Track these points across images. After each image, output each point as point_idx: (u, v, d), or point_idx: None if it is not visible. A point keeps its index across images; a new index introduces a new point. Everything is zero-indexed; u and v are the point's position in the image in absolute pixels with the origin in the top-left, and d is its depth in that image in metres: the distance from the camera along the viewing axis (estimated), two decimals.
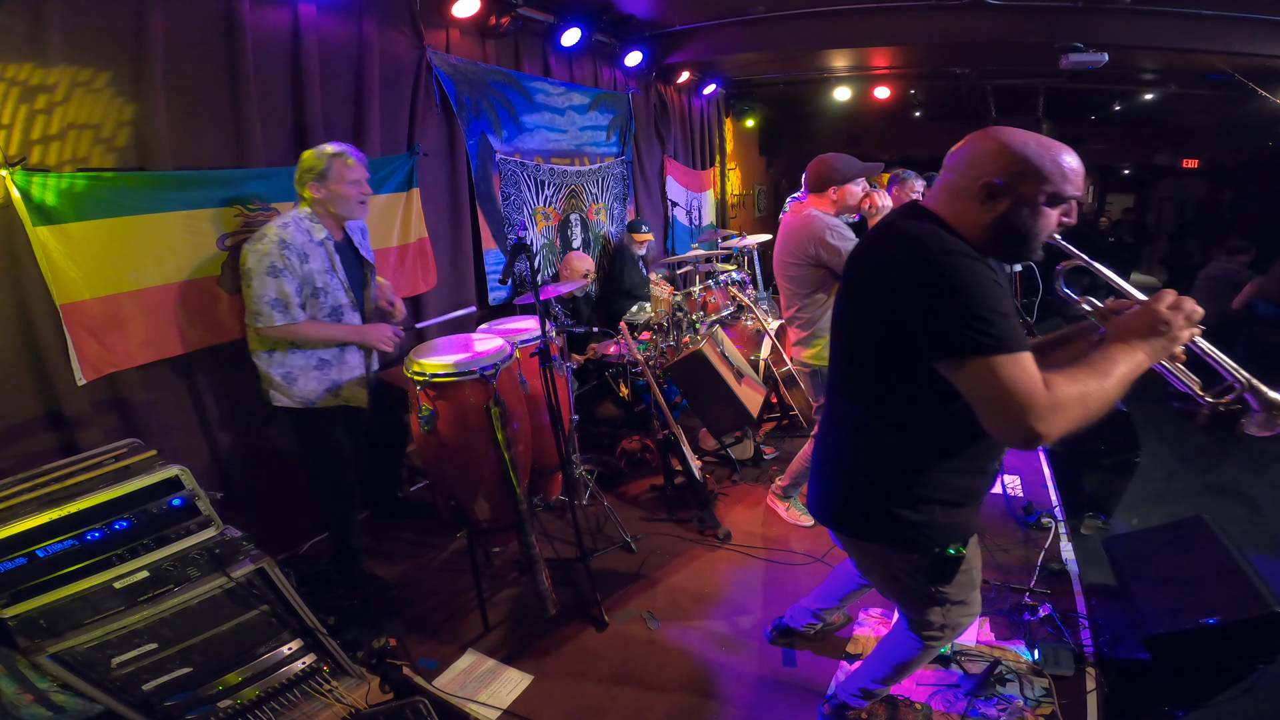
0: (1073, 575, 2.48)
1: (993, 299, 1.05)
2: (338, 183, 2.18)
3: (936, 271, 1.08)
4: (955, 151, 1.22)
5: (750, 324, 4.13)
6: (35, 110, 1.96)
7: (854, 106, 7.16)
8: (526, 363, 2.62)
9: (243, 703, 1.85)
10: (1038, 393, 1.01)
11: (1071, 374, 1.06)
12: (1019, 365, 1.03)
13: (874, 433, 1.30)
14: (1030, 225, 1.14)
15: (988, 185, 1.13)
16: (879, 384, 1.25)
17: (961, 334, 1.04)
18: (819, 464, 1.49)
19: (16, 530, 1.45)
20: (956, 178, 1.19)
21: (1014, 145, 1.12)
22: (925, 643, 1.56)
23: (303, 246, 2.16)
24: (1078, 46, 4.06)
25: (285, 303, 2.14)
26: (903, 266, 1.12)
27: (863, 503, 1.36)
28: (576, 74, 4.54)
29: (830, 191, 2.48)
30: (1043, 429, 1.01)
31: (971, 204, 1.16)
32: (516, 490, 2.28)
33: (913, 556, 1.36)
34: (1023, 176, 1.11)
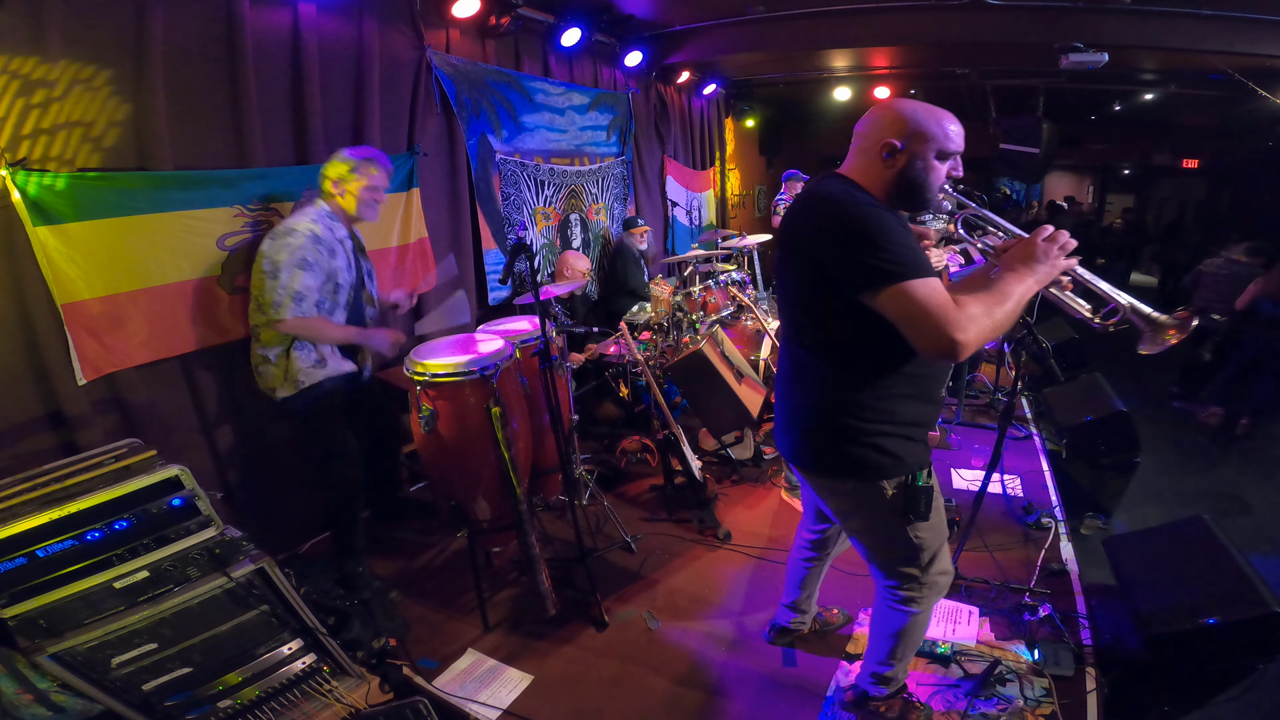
0: (1073, 575, 2.48)
1: (896, 235, 1.24)
2: (358, 185, 2.28)
3: (848, 218, 1.27)
4: (864, 120, 1.42)
5: (750, 324, 4.13)
6: (34, 110, 1.95)
7: (854, 106, 7.14)
8: (526, 363, 2.62)
9: (243, 703, 1.85)
10: (949, 307, 1.19)
11: (976, 296, 1.24)
12: (928, 287, 1.21)
13: (827, 372, 1.45)
14: (924, 177, 1.35)
15: (887, 145, 1.34)
16: (822, 327, 1.42)
17: (874, 266, 1.22)
18: (784, 413, 1.61)
19: (16, 530, 1.45)
20: (862, 142, 1.40)
21: (905, 111, 1.34)
22: (909, 605, 1.62)
23: (331, 244, 2.26)
24: (1078, 46, 4.06)
25: (306, 296, 2.19)
26: (823, 219, 1.32)
27: (828, 438, 1.48)
28: (576, 74, 4.54)
29: None
30: (961, 337, 1.17)
31: (875, 163, 1.37)
32: (516, 490, 2.28)
33: (883, 487, 1.47)
34: (915, 137, 1.33)
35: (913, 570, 1.57)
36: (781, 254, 1.49)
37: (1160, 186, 10.82)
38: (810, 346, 1.47)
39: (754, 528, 2.97)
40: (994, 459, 2.37)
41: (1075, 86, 5.86)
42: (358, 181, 2.29)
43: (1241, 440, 4.28)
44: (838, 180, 1.41)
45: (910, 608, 1.62)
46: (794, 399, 1.56)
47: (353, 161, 2.28)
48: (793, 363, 1.55)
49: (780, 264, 1.50)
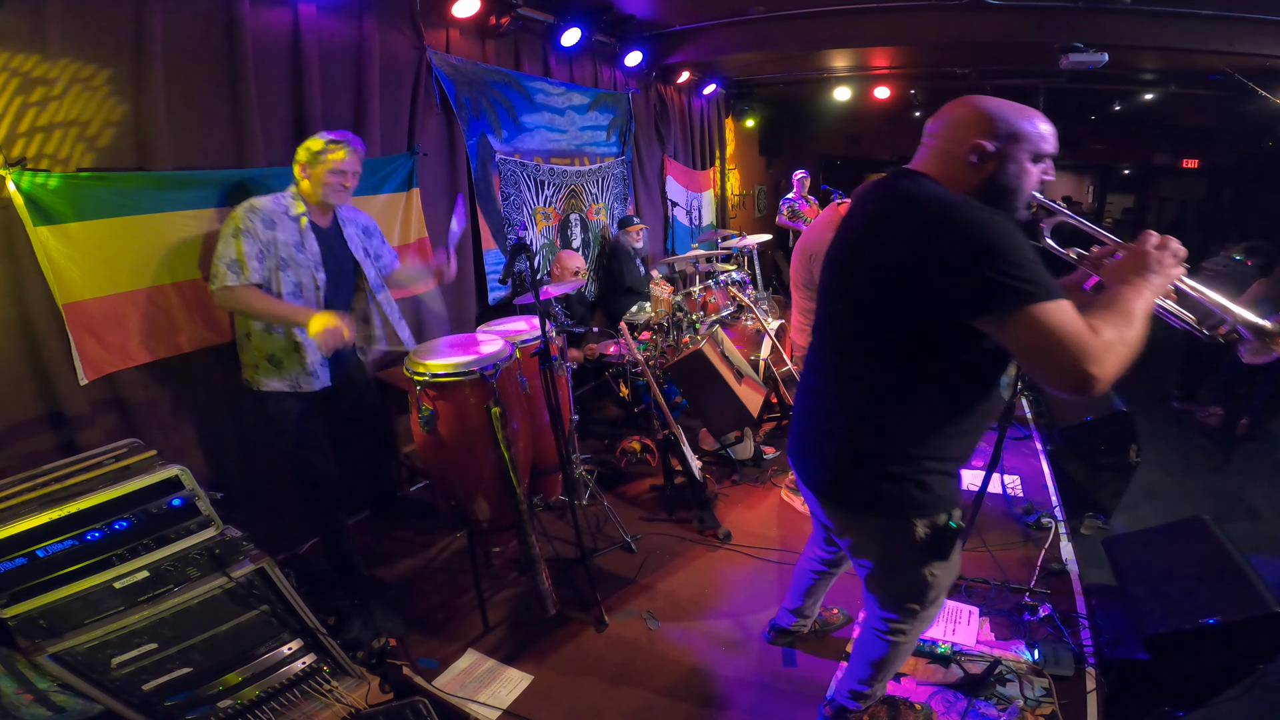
0: (1073, 575, 2.48)
1: (1025, 248, 1.06)
2: (322, 167, 2.22)
3: (965, 226, 1.08)
4: (936, 120, 1.28)
5: (750, 324, 4.13)
6: (35, 109, 1.95)
7: (854, 106, 7.16)
8: (526, 363, 2.62)
9: (243, 703, 1.85)
10: (1086, 334, 1.02)
11: (1102, 317, 1.06)
12: (1063, 311, 1.03)
13: (880, 395, 1.29)
14: (1017, 182, 1.22)
15: (976, 147, 1.19)
16: (891, 347, 1.24)
17: (1001, 285, 1.03)
18: (809, 434, 1.47)
19: (16, 530, 1.45)
20: (942, 143, 1.25)
21: (994, 110, 1.21)
22: (897, 637, 1.57)
23: (271, 215, 2.18)
24: (1078, 46, 4.06)
25: (241, 264, 2.11)
26: (924, 225, 1.12)
27: (865, 470, 1.34)
28: (576, 74, 4.54)
29: None
30: (1098, 371, 1.00)
31: (960, 166, 1.22)
32: (516, 490, 2.28)
33: (914, 525, 1.34)
34: (1009, 138, 1.19)
35: (914, 605, 1.50)
36: (839, 258, 1.34)
37: (1160, 186, 10.82)
38: (865, 365, 1.30)
39: (754, 528, 2.97)
40: (994, 459, 2.38)
41: (1075, 86, 5.86)
42: (324, 164, 2.22)
43: (1242, 440, 4.28)
44: (925, 181, 1.22)
45: (898, 639, 1.58)
46: (827, 420, 1.41)
47: (321, 142, 2.23)
48: (830, 379, 1.39)
49: (836, 270, 1.34)
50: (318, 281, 2.29)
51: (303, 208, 2.26)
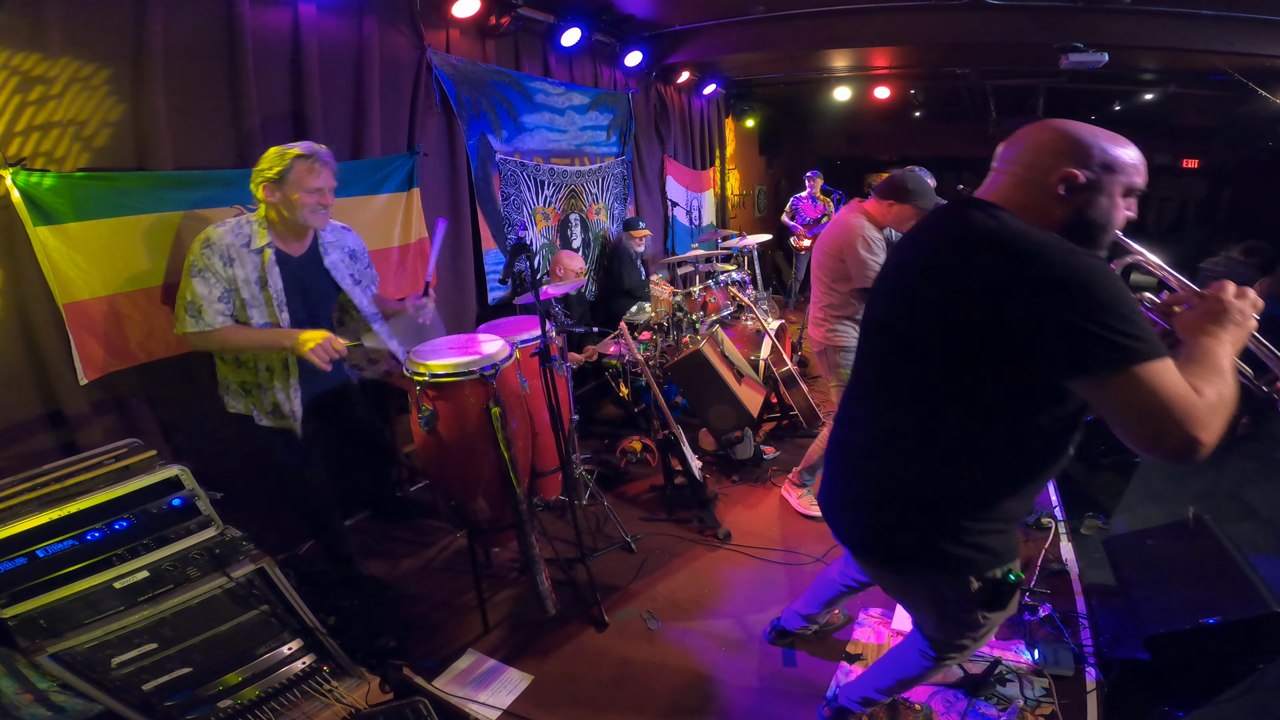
0: (1073, 575, 2.48)
1: (1130, 297, 0.96)
2: (295, 188, 1.97)
3: (1065, 274, 0.95)
4: (1014, 144, 1.15)
5: (750, 324, 4.13)
6: (34, 108, 1.95)
7: (854, 106, 7.16)
8: (526, 363, 2.62)
9: (243, 703, 1.85)
10: (1193, 397, 0.93)
11: (1196, 374, 0.97)
12: (1171, 371, 0.93)
13: (941, 460, 1.17)
14: (1108, 218, 1.09)
15: (1069, 177, 1.06)
16: (957, 405, 1.12)
17: (1111, 343, 0.92)
18: (849, 488, 1.35)
19: (16, 530, 1.45)
20: (1023, 170, 1.11)
21: (1085, 136, 1.07)
22: (940, 661, 1.51)
23: (228, 250, 1.97)
24: (1078, 46, 4.06)
25: (198, 307, 1.96)
26: (1015, 271, 0.99)
27: (919, 532, 1.23)
28: (576, 74, 4.54)
29: (889, 202, 2.57)
30: (1205, 436, 0.92)
31: (1043, 198, 1.08)
32: (516, 490, 2.28)
33: (968, 582, 1.24)
34: (1104, 167, 1.06)
35: (964, 642, 1.43)
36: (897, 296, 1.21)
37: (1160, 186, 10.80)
38: (925, 423, 1.17)
39: (754, 528, 2.97)
40: None
41: (1075, 86, 5.86)
42: (292, 185, 1.97)
43: (1242, 440, 4.28)
44: (1003, 214, 1.08)
45: (939, 665, 1.52)
46: (872, 476, 1.29)
47: (283, 159, 1.96)
48: (880, 431, 1.27)
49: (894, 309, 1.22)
50: (281, 322, 2.07)
51: (266, 238, 2.02)
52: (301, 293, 2.15)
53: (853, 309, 2.70)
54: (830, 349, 2.79)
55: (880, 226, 2.61)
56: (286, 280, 2.09)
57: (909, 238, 1.30)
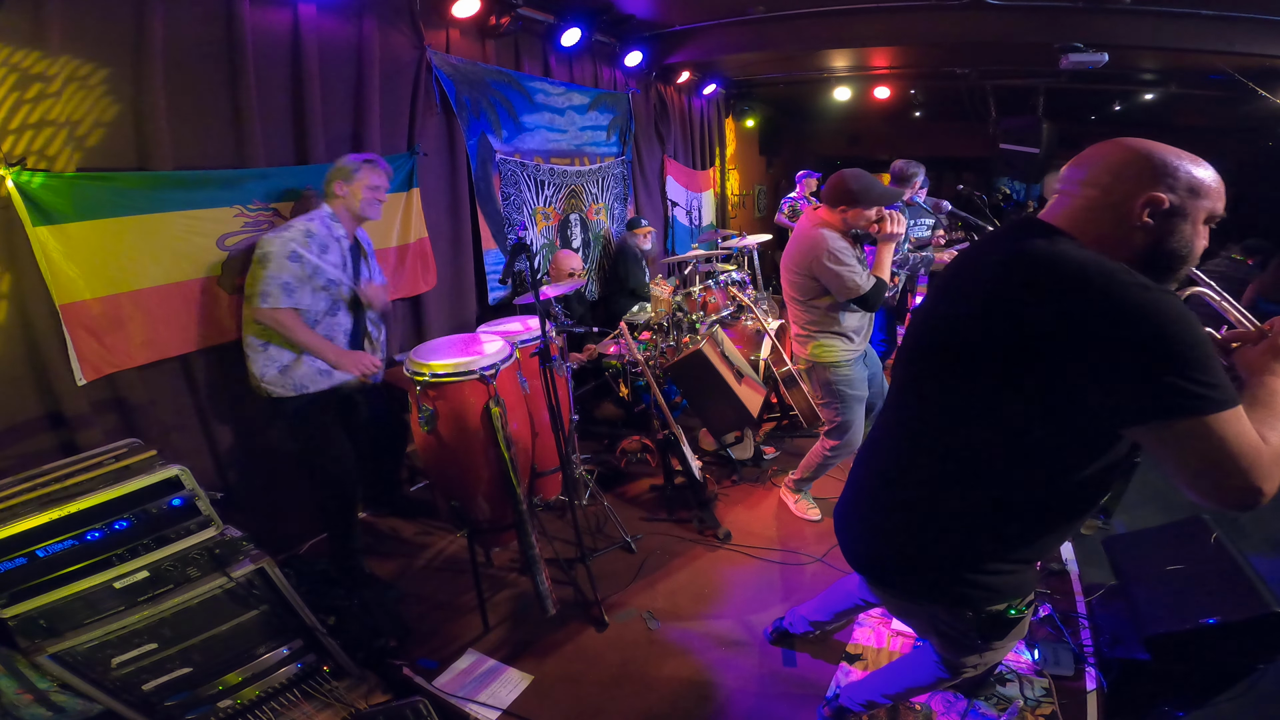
0: (1073, 575, 2.48)
1: (1208, 344, 0.88)
2: (360, 185, 2.37)
3: (1146, 318, 0.87)
4: (1084, 165, 1.05)
5: (750, 324, 4.13)
6: (33, 109, 1.95)
7: (854, 106, 7.15)
8: (526, 363, 2.62)
9: (243, 703, 1.85)
10: (1261, 447, 0.87)
11: (1261, 419, 0.92)
12: (1240, 422, 0.87)
13: (982, 498, 1.12)
14: (1190, 248, 1.00)
15: (1155, 201, 0.96)
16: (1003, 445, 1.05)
17: (1187, 392, 0.85)
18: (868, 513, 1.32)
19: (16, 530, 1.45)
20: (1099, 194, 1.01)
21: (1171, 158, 0.99)
22: (953, 676, 1.50)
23: (324, 239, 2.32)
24: (1078, 46, 4.06)
25: (294, 287, 2.23)
26: (1092, 312, 0.90)
27: (937, 564, 1.20)
28: (576, 74, 4.54)
29: (841, 209, 2.45)
30: (1269, 487, 0.87)
31: (1122, 226, 0.99)
32: (516, 490, 2.28)
33: (966, 614, 1.22)
34: (1190, 192, 0.97)
35: (971, 661, 1.41)
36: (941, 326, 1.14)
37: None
38: (962, 457, 1.10)
39: (754, 528, 2.97)
40: None
41: (1075, 86, 5.85)
42: (360, 182, 2.37)
43: None
44: (1069, 243, 0.98)
45: (950, 679, 1.51)
46: (895, 505, 1.24)
47: (355, 164, 2.37)
48: (909, 462, 1.22)
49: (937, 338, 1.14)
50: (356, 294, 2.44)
51: (342, 229, 2.40)
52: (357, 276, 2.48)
53: (835, 323, 2.57)
54: (819, 366, 2.65)
55: (843, 233, 2.46)
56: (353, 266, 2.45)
57: (960, 264, 1.19)
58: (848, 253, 2.43)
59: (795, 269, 2.56)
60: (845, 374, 2.63)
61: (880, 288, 2.47)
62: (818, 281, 2.50)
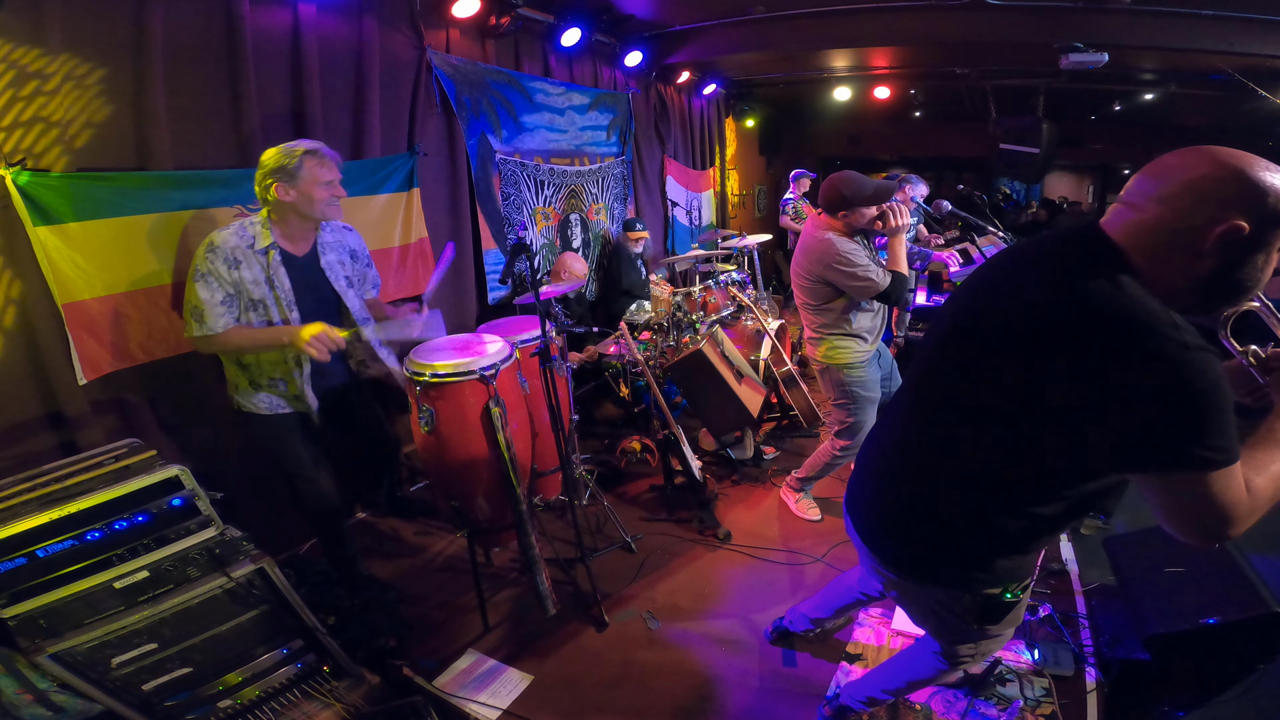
0: (1073, 575, 2.48)
1: (1229, 405, 0.88)
2: (309, 183, 1.99)
3: (1172, 374, 0.86)
4: (1162, 175, 0.95)
5: (750, 324, 4.13)
6: (34, 108, 1.95)
7: (854, 106, 7.15)
8: (526, 363, 2.62)
9: (243, 703, 1.85)
10: (1242, 503, 0.91)
11: (1262, 461, 0.95)
12: (1233, 478, 0.90)
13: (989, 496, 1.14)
14: (1259, 278, 0.93)
15: (1230, 232, 0.88)
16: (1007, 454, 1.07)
17: (1189, 451, 0.87)
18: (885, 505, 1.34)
19: (16, 530, 1.45)
20: (1170, 216, 0.92)
21: (1264, 179, 0.88)
22: (944, 668, 1.53)
23: (233, 252, 1.97)
24: (1078, 46, 4.06)
25: (201, 311, 1.96)
26: (1120, 359, 0.89)
27: (944, 550, 1.23)
28: (576, 74, 4.54)
29: (841, 214, 2.47)
30: (1234, 532, 0.92)
31: (1187, 250, 0.92)
32: (516, 490, 2.28)
33: (964, 596, 1.25)
34: (1273, 219, 0.88)
35: (969, 649, 1.43)
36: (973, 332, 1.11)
37: None
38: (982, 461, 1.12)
39: (754, 528, 2.97)
40: None
41: (1075, 86, 5.85)
42: (308, 180, 1.99)
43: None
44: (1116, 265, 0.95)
45: (949, 669, 1.53)
46: (912, 495, 1.27)
47: (293, 158, 1.97)
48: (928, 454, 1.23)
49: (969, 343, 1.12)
50: (292, 321, 2.07)
51: (269, 238, 2.03)
52: (309, 291, 2.15)
53: (848, 324, 2.58)
54: (833, 368, 2.66)
55: (849, 235, 2.48)
56: (293, 279, 2.09)
57: (1001, 264, 1.16)
58: (858, 253, 2.45)
59: (806, 276, 2.59)
60: (859, 375, 2.65)
61: (899, 280, 2.48)
62: (830, 286, 2.53)
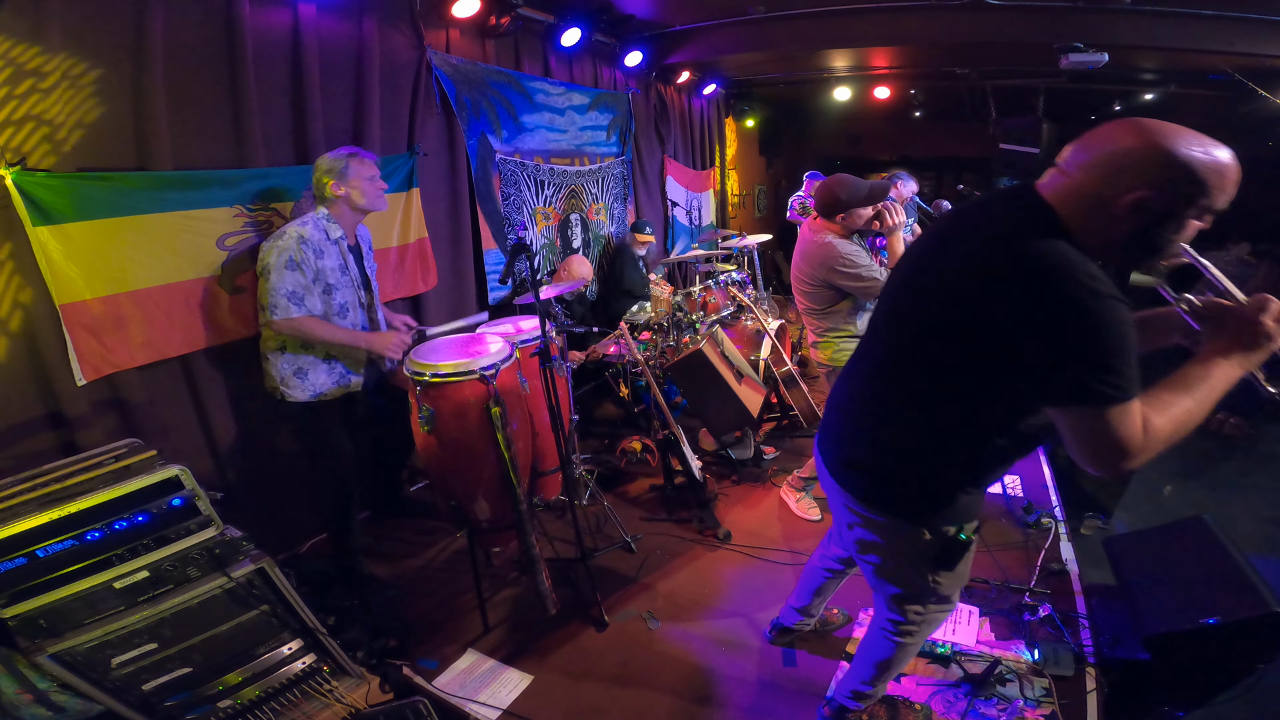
0: (1073, 575, 2.48)
1: (1130, 348, 0.99)
2: (357, 179, 2.32)
3: (1081, 317, 0.97)
4: (1090, 146, 1.05)
5: (750, 324, 4.13)
6: (33, 108, 1.95)
7: (854, 106, 7.15)
8: (526, 363, 2.62)
9: (243, 703, 1.85)
10: (1137, 438, 1.02)
11: (1167, 402, 1.05)
12: (1130, 414, 1.01)
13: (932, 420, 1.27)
14: (1172, 240, 1.04)
15: (1139, 202, 0.98)
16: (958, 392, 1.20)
17: (1089, 387, 0.99)
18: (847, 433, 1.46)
19: (16, 530, 1.45)
20: (1094, 183, 1.03)
21: (1179, 153, 0.96)
22: (900, 640, 1.59)
23: (319, 244, 2.28)
24: (1078, 46, 4.06)
25: (301, 295, 2.23)
26: (1050, 308, 1.00)
27: (898, 477, 1.35)
28: (576, 74, 4.54)
29: (839, 218, 2.51)
30: (1129, 466, 1.03)
31: (1104, 214, 1.02)
32: (516, 490, 2.28)
33: (924, 534, 1.35)
34: (1186, 193, 0.97)
35: (918, 609, 1.52)
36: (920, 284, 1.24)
37: None
38: (923, 394, 1.26)
39: (754, 528, 2.97)
40: None
41: (1075, 86, 5.85)
42: (356, 176, 2.32)
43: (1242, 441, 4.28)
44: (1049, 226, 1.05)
45: (904, 639, 1.59)
46: (871, 427, 1.39)
47: (342, 160, 2.32)
48: (883, 391, 1.36)
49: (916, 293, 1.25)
50: (361, 299, 2.44)
51: (339, 231, 2.35)
52: (364, 276, 2.49)
53: (852, 325, 2.63)
54: (837, 369, 2.66)
55: (847, 237, 2.53)
56: (356, 264, 2.43)
57: (945, 233, 1.29)
58: (859, 254, 2.50)
59: (809, 281, 2.62)
60: None
61: None
62: (834, 289, 2.56)
